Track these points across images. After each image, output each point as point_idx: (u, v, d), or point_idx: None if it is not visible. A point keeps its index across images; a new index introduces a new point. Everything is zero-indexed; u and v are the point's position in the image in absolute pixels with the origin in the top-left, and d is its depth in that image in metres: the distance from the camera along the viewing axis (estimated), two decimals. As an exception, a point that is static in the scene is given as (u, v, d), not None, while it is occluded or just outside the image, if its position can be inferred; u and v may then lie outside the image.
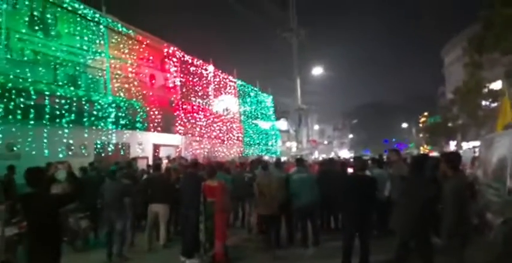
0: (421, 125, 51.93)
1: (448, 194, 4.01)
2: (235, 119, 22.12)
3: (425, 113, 50.94)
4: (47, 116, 9.83)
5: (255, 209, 7.19)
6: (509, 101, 7.86)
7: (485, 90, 20.55)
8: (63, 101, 10.36)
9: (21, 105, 9.32)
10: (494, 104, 19.20)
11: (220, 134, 19.16)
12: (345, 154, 59.44)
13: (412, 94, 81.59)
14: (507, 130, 6.39)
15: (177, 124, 15.28)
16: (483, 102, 21.63)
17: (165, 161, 12.10)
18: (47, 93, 10.02)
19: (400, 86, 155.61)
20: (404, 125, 67.12)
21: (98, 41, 12.57)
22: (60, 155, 9.86)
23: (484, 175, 6.73)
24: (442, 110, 33.76)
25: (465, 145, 29.44)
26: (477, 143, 23.81)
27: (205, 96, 18.92)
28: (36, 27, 11.07)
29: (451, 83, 37.85)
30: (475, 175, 7.40)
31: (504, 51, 13.98)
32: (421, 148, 46.49)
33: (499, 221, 5.40)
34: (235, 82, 22.35)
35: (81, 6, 11.88)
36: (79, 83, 11.93)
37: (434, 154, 25.05)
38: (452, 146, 33.50)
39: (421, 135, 47.45)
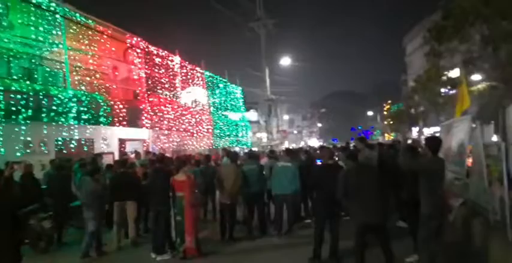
0: (385, 112, 53.74)
1: (425, 175, 4.25)
2: (205, 111, 21.84)
3: (389, 101, 52.70)
4: (2, 113, 9.22)
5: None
6: (466, 88, 8.22)
7: (444, 78, 21.48)
8: (18, 96, 9.74)
9: (-28, 102, 8.70)
10: (453, 91, 20.12)
11: (190, 127, 18.86)
12: (315, 142, 60.53)
13: (378, 83, 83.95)
14: (464, 116, 6.68)
15: (143, 118, 14.85)
16: (442, 90, 22.61)
17: (131, 156, 11.78)
18: (0, 88, 9.38)
19: (366, 75, 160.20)
20: (370, 113, 69.18)
21: (54, 32, 11.85)
22: (18, 154, 9.31)
23: (445, 159, 7.05)
24: (404, 98, 35.04)
25: (426, 131, 30.80)
26: (438, 128, 24.97)
27: (172, 88, 18.48)
28: (-15, 18, 10.28)
29: (412, 71, 39.24)
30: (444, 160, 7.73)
31: (462, 40, 14.61)
32: (386, 134, 48.20)
33: (459, 203, 5.70)
34: (203, 73, 21.99)
35: (35, -5, 11.13)
36: (36, 76, 11.24)
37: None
38: (414, 132, 34.95)
39: (385, 122, 49.13)
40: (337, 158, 7.24)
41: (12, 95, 9.59)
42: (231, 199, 6.83)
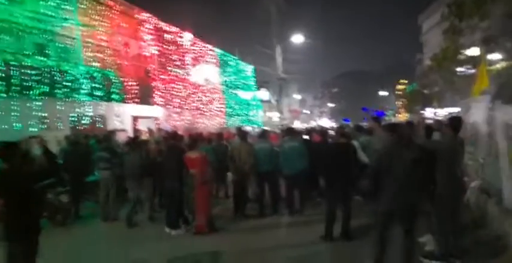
0: (398, 92, 52.75)
1: (444, 155, 4.13)
2: (216, 89, 21.75)
3: (402, 81, 51.60)
4: (16, 88, 9.32)
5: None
6: (485, 67, 7.94)
7: (462, 56, 20.77)
8: (32, 72, 9.80)
9: (-14, 77, 8.79)
10: (471, 71, 19.53)
11: (201, 105, 18.86)
12: (326, 122, 60.15)
13: (391, 62, 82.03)
14: (483, 96, 6.49)
15: (155, 95, 14.88)
16: (459, 69, 21.93)
17: (145, 133, 11.87)
18: (13, 63, 9.43)
19: (379, 54, 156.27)
20: (383, 93, 68.02)
21: (65, 7, 11.75)
22: (34, 129, 9.48)
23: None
24: (419, 77, 34.22)
25: (441, 111, 30.22)
26: (452, 109, 24.45)
27: (183, 66, 18.37)
28: (-3, -8, 10.19)
29: (429, 49, 38.09)
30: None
31: (482, 16, 13.98)
32: (399, 115, 47.55)
33: (473, 184, 5.64)
34: (214, 51, 21.73)
35: (45, -32, 10.97)
36: (48, 52, 11.26)
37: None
38: (428, 112, 34.35)
39: (399, 102, 48.31)
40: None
41: (24, 71, 9.65)
42: (243, 177, 6.91)
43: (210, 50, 21.33)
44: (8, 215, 3.53)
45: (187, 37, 18.56)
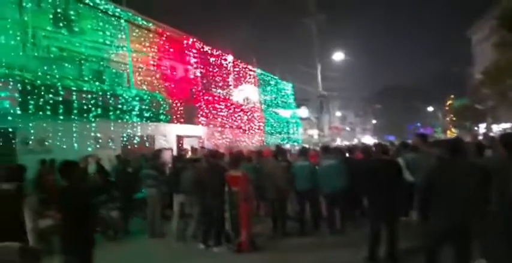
0: (447, 108, 50.24)
1: (496, 173, 3.93)
2: (256, 108, 22.14)
3: (452, 96, 49.17)
4: (75, 111, 10.18)
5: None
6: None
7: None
8: (89, 96, 10.68)
9: (50, 101, 9.68)
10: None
11: (242, 124, 19.25)
12: (368, 140, 58.47)
13: (437, 76, 78.68)
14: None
15: (199, 115, 15.47)
16: (515, 83, 20.62)
17: (189, 152, 12.30)
18: (73, 88, 10.35)
19: (425, 68, 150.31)
20: (430, 108, 65.11)
21: (119, 36, 12.79)
22: (89, 149, 10.22)
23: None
24: (470, 92, 32.49)
25: (495, 128, 28.33)
26: (508, 125, 22.87)
27: (225, 87, 18.99)
28: (61, 24, 11.34)
29: (479, 63, 36.25)
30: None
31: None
32: (448, 132, 45.10)
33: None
34: (254, 71, 22.28)
35: (102, 1, 12.09)
36: (104, 77, 12.24)
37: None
38: (482, 129, 32.31)
39: (447, 118, 45.95)
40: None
41: (83, 95, 10.53)
42: (279, 194, 7.00)
43: (251, 70, 21.89)
44: (65, 228, 3.78)
45: (229, 59, 19.27)
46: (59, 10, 11.32)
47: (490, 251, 4.03)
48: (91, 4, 11.79)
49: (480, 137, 14.94)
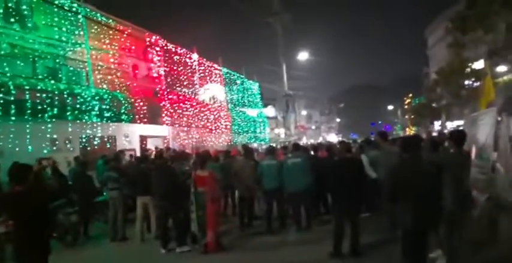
0: (406, 106, 52.60)
1: (449, 168, 4.10)
2: (223, 107, 22.01)
3: (410, 95, 51.54)
4: (29, 111, 9.58)
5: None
6: (491, 80, 7.97)
7: (468, 70, 20.83)
8: (44, 95, 10.10)
9: (1, 101, 9.05)
10: (477, 84, 19.51)
11: (208, 124, 19.06)
12: (333, 138, 59.96)
13: (398, 76, 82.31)
14: (490, 108, 6.48)
15: (163, 115, 15.11)
16: (466, 82, 21.94)
17: (153, 152, 11.99)
18: (27, 87, 9.74)
19: (386, 68, 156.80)
20: (390, 107, 67.86)
21: (77, 32, 12.20)
22: (45, 151, 9.68)
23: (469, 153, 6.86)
24: (426, 91, 34.18)
25: (449, 125, 30.00)
26: (461, 122, 24.27)
27: (190, 86, 18.71)
28: (12, 20, 10.66)
29: (435, 63, 38.22)
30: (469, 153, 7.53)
31: (486, 30, 14.11)
32: (407, 129, 47.23)
33: (484, 198, 5.55)
34: (220, 70, 22.12)
35: (58, -4, 11.47)
36: (60, 76, 11.62)
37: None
38: (437, 126, 34.10)
39: (406, 116, 48.09)
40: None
41: (38, 94, 9.94)
42: (248, 192, 7.16)
43: (217, 69, 21.72)
44: (17, 236, 3.58)
45: (194, 57, 18.99)
46: (10, 4, 10.63)
47: (446, 242, 4.22)
48: (45, -2, 11.16)
49: (434, 134, 15.72)
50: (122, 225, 7.11)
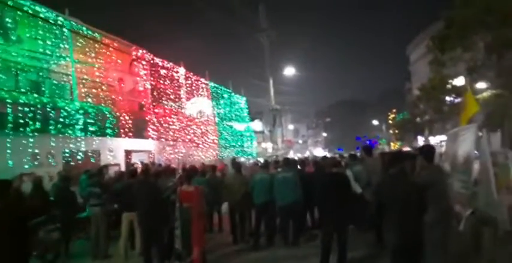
0: (390, 121, 53.53)
1: (425, 185, 4.15)
2: (210, 121, 21.96)
3: (394, 110, 52.55)
4: (10, 125, 9.36)
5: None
6: (472, 96, 8.22)
7: (449, 86, 21.47)
8: (26, 109, 9.90)
9: (-19, 114, 8.85)
10: (458, 100, 20.07)
11: (195, 138, 18.95)
12: (320, 152, 60.33)
13: (382, 91, 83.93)
14: (470, 124, 6.65)
15: (149, 129, 14.97)
16: (447, 98, 22.57)
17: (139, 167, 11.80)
18: (8, 100, 9.54)
19: (371, 84, 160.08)
20: (375, 122, 68.97)
21: (61, 45, 12.10)
22: (26, 166, 9.42)
23: (451, 168, 6.99)
24: (409, 107, 34.93)
25: (432, 140, 30.61)
26: (444, 137, 24.82)
27: (177, 100, 18.66)
28: (-5, 32, 10.53)
29: (417, 79, 39.24)
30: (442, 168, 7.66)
31: (465, 49, 14.64)
32: (392, 143, 47.92)
33: (467, 213, 5.63)
34: (207, 84, 22.18)
35: (43, 9, 11.40)
36: (43, 89, 11.44)
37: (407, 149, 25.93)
38: (420, 141, 34.73)
39: (391, 131, 48.89)
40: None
41: (20, 108, 9.76)
42: (240, 206, 7.16)
43: (203, 83, 21.78)
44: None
45: (181, 71, 19.03)
46: (-7, 17, 10.51)
47: (431, 258, 4.23)
48: (30, 12, 11.05)
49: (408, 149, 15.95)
50: (105, 242, 6.91)
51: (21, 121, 9.68)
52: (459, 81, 21.00)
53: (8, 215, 3.51)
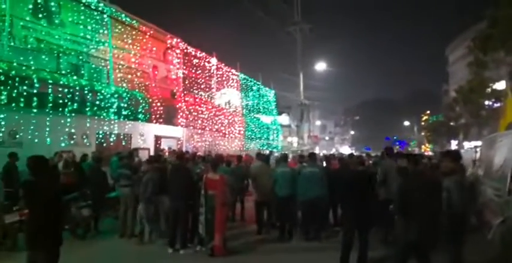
0: (423, 123, 51.85)
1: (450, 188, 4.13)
2: (237, 112, 22.10)
3: (428, 112, 50.83)
4: (50, 105, 9.82)
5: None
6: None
7: (489, 90, 20.48)
8: (66, 90, 10.33)
9: (24, 93, 9.29)
10: (497, 104, 19.14)
11: (222, 128, 19.16)
12: (346, 150, 59.44)
13: (416, 92, 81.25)
14: (509, 130, 6.37)
15: (178, 116, 15.28)
16: (486, 102, 21.56)
17: (166, 153, 12.11)
18: (50, 81, 9.99)
19: (404, 83, 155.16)
20: (407, 123, 66.96)
21: (101, 31, 12.50)
22: (62, 144, 9.87)
23: (485, 174, 6.73)
24: (444, 109, 33.66)
25: (467, 145, 29.41)
26: (479, 143, 23.78)
27: (207, 89, 18.88)
28: (40, 15, 10.99)
29: (454, 81, 37.71)
30: (476, 174, 7.40)
31: (509, 51, 13.89)
32: (423, 146, 46.48)
33: (498, 221, 5.42)
34: (238, 75, 22.28)
35: (85, -5, 11.81)
36: (82, 72, 11.90)
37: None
38: (453, 145, 33.48)
39: (423, 133, 47.38)
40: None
41: (60, 89, 10.18)
42: (266, 197, 7.20)
43: (234, 74, 21.89)
44: (31, 225, 3.65)
45: (212, 62, 19.21)
46: (39, 1, 10.97)
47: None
48: (74, -3, 11.48)
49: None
50: (132, 222, 7.18)
51: (60, 101, 10.10)
52: (500, 85, 19.97)
53: (44, 190, 3.68)
